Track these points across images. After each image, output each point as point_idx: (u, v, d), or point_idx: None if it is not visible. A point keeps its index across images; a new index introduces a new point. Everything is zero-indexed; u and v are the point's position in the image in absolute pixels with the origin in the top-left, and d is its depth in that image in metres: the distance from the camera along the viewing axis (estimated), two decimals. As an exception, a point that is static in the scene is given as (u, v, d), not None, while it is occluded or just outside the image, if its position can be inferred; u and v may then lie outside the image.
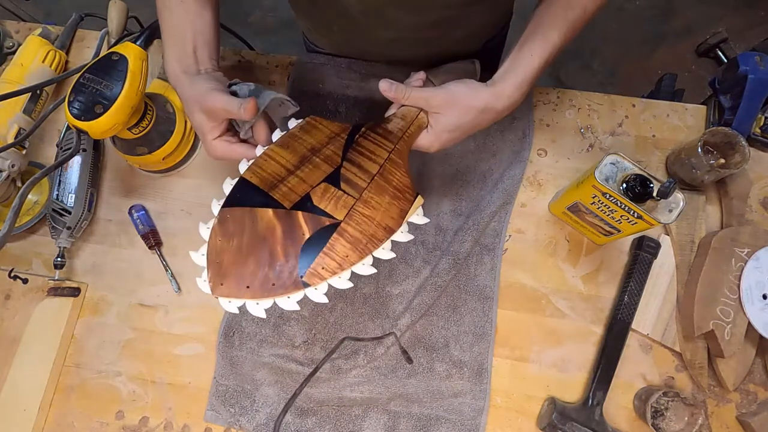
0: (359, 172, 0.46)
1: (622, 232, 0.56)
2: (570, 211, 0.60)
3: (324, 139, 0.48)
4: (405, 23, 0.59)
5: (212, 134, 0.49)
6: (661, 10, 1.73)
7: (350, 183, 0.45)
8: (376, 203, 0.45)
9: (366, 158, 0.47)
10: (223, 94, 0.46)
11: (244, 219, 0.44)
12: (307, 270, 0.42)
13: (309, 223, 0.43)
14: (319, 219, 0.43)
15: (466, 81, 0.49)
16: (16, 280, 0.61)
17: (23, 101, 0.64)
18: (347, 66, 0.70)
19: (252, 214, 0.44)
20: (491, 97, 0.47)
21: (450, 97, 0.48)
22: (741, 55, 0.62)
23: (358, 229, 0.44)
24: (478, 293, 0.61)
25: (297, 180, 0.45)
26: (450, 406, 0.58)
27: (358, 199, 0.45)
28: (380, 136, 0.49)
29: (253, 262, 0.42)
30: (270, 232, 0.43)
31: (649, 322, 0.60)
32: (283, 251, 0.43)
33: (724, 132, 0.59)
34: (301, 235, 0.43)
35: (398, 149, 0.48)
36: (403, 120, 0.50)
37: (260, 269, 0.42)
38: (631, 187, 0.51)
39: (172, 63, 0.51)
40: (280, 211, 0.44)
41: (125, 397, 0.59)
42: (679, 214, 0.51)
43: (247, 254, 0.43)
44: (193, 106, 0.48)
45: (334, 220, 0.44)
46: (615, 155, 0.52)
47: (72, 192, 0.61)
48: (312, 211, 0.44)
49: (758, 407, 0.57)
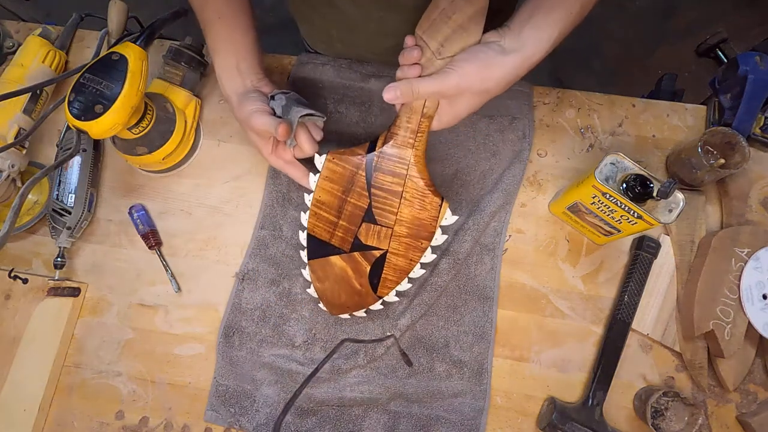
0: (387, 201, 0.53)
1: (622, 232, 0.56)
2: (570, 211, 0.60)
3: (348, 178, 0.54)
4: (405, 30, 0.58)
5: (266, 150, 0.56)
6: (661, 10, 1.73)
7: (383, 214, 0.53)
8: (409, 222, 0.53)
9: (387, 188, 0.53)
10: (262, 116, 0.51)
11: (325, 267, 0.57)
12: (377, 290, 0.56)
13: (366, 259, 0.55)
14: (372, 253, 0.54)
15: (479, 52, 0.44)
16: (16, 280, 0.61)
17: (23, 101, 0.64)
18: (347, 66, 0.70)
19: (328, 262, 0.56)
20: (513, 66, 0.43)
21: (464, 82, 0.43)
22: (741, 55, 0.62)
23: (402, 248, 0.54)
24: (478, 293, 0.61)
25: (344, 228, 0.55)
26: (450, 406, 0.58)
27: (393, 226, 0.53)
28: (392, 159, 0.52)
29: (344, 294, 0.57)
30: (343, 272, 0.56)
31: (649, 322, 0.60)
32: (358, 284, 0.56)
33: (724, 132, 0.59)
34: (364, 268, 0.55)
35: (414, 159, 0.52)
36: (409, 123, 0.51)
37: (350, 298, 0.57)
38: (631, 187, 0.51)
39: (222, 83, 0.56)
40: (344, 256, 0.55)
41: (125, 397, 0.59)
42: (679, 214, 0.51)
43: (339, 290, 0.57)
44: (245, 127, 0.55)
45: (382, 251, 0.54)
46: (615, 155, 0.52)
47: (72, 192, 0.61)
48: (364, 249, 0.54)
49: (758, 407, 0.57)
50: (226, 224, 0.65)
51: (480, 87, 0.44)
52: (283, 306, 0.61)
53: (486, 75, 0.43)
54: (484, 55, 0.43)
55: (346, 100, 0.69)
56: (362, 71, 0.70)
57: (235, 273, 0.63)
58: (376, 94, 0.68)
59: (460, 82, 0.44)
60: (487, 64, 0.43)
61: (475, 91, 0.45)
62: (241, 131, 0.69)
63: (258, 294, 0.62)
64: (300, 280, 0.62)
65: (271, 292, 0.62)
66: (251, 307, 0.61)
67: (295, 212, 0.64)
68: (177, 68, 0.66)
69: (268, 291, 0.62)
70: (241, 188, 0.67)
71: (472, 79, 0.43)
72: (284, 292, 0.62)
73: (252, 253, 0.63)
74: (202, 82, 0.70)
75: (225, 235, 0.65)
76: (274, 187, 0.65)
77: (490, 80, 0.43)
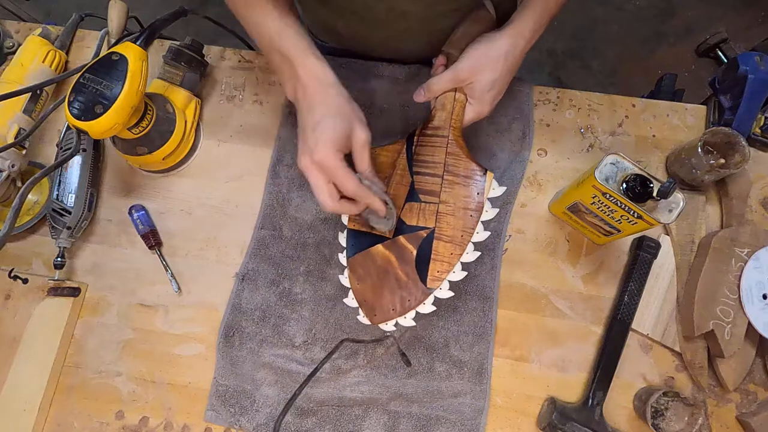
0: (430, 179, 0.52)
1: (622, 232, 0.56)
2: (570, 211, 0.60)
3: (389, 164, 0.53)
4: (414, 15, 0.58)
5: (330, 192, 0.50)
6: (661, 10, 1.73)
7: (427, 192, 0.51)
8: (454, 197, 0.50)
9: (429, 164, 0.52)
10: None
11: (366, 261, 0.52)
12: (427, 279, 0.50)
13: (411, 242, 0.51)
14: (417, 234, 0.50)
15: (482, 37, 0.52)
16: (16, 280, 0.61)
17: (23, 101, 0.64)
18: (347, 66, 0.70)
19: (369, 254, 0.52)
20: (509, 40, 0.50)
21: (473, 63, 0.50)
22: (741, 55, 0.62)
23: (450, 226, 0.50)
24: (478, 293, 0.61)
25: None
26: (450, 406, 0.58)
27: (439, 202, 0.50)
28: (432, 137, 0.52)
29: (387, 291, 0.51)
30: (387, 262, 0.51)
31: (649, 322, 0.60)
32: (403, 273, 0.51)
33: (724, 132, 0.59)
34: (410, 253, 0.50)
35: (452, 140, 0.52)
36: (443, 110, 0.53)
37: (395, 295, 0.51)
38: (631, 187, 0.51)
39: (296, 68, 0.48)
40: (388, 242, 0.52)
41: (125, 397, 0.59)
42: (679, 214, 0.51)
43: (381, 288, 0.51)
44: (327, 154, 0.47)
45: (428, 230, 0.50)
46: (615, 155, 0.52)
47: (72, 192, 0.61)
48: (409, 231, 0.51)
49: (758, 407, 0.57)
50: (226, 224, 0.65)
51: (489, 64, 0.50)
52: (283, 306, 0.61)
53: (489, 52, 0.50)
54: (483, 38, 0.52)
55: (346, 100, 0.69)
56: (362, 71, 0.70)
57: (235, 273, 0.63)
58: (377, 94, 0.68)
59: (469, 63, 0.51)
60: (487, 43, 0.50)
61: (488, 69, 0.50)
62: (240, 131, 0.69)
63: (258, 294, 0.62)
64: (300, 280, 0.62)
65: (271, 292, 0.62)
66: (251, 308, 0.61)
67: (295, 212, 0.64)
68: (177, 68, 0.66)
69: (268, 291, 0.62)
70: (241, 188, 0.67)
71: (479, 57, 0.50)
72: (284, 292, 0.62)
73: (252, 254, 0.63)
74: (202, 82, 0.70)
75: (225, 235, 0.65)
76: (274, 187, 0.65)
77: (494, 55, 0.49)
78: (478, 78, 0.50)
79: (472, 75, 0.50)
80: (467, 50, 0.52)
